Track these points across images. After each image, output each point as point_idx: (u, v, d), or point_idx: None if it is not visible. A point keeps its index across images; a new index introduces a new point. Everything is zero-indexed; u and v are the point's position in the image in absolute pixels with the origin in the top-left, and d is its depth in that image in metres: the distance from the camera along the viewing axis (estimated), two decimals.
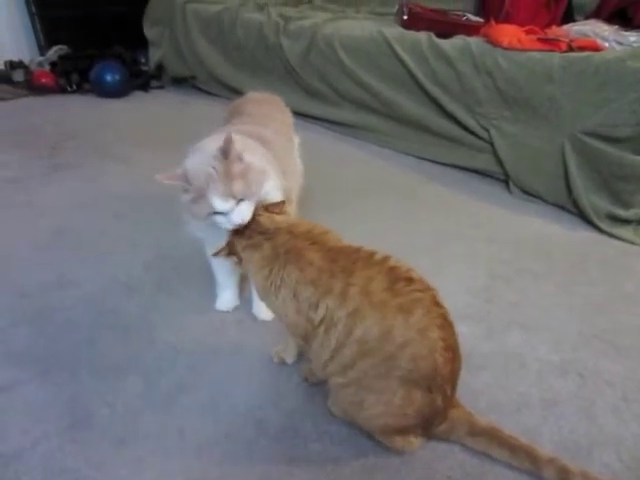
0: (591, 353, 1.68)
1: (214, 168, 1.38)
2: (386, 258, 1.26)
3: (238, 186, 1.38)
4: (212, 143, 1.47)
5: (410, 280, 1.22)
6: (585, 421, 1.44)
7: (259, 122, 1.85)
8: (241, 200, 1.39)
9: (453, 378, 1.26)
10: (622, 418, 1.45)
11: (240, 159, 1.42)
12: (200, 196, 1.39)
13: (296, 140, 2.19)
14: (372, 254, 1.27)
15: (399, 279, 1.21)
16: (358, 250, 1.28)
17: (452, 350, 1.22)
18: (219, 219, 1.40)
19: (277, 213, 1.42)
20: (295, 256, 1.29)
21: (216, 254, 1.44)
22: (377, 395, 1.23)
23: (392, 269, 1.23)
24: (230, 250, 1.41)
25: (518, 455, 1.27)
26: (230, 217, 1.38)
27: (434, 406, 1.24)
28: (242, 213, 1.39)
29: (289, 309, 1.30)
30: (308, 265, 1.26)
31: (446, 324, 1.22)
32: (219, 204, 1.37)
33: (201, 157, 1.44)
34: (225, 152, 1.38)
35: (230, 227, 1.40)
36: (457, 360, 1.26)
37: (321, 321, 1.25)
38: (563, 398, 1.51)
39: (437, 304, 1.22)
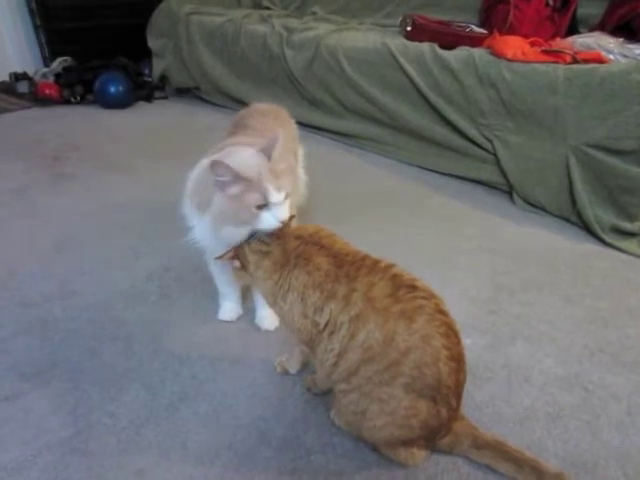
0: (596, 367, 1.67)
1: (262, 163, 1.39)
2: (390, 266, 1.26)
3: (285, 180, 1.40)
4: (244, 151, 1.47)
5: (413, 287, 1.22)
6: (590, 435, 1.43)
7: (263, 136, 1.85)
8: (285, 197, 1.40)
9: (458, 390, 1.25)
10: (627, 432, 1.44)
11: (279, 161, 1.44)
12: (250, 187, 1.35)
13: (300, 151, 2.19)
14: (377, 261, 1.27)
15: (402, 286, 1.21)
16: (364, 257, 1.29)
17: (457, 361, 1.21)
18: (264, 216, 1.37)
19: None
20: (304, 260, 1.30)
21: (220, 257, 1.43)
22: (381, 404, 1.22)
23: (395, 276, 1.23)
24: (235, 254, 1.41)
25: (523, 469, 1.26)
26: (277, 212, 1.36)
27: (439, 418, 1.23)
28: (286, 210, 1.39)
29: (296, 313, 1.31)
30: (316, 269, 1.27)
31: (451, 333, 1.21)
32: (274, 195, 1.36)
33: (242, 155, 1.42)
34: (269, 151, 1.40)
35: (274, 225, 1.37)
36: (462, 371, 1.25)
37: (325, 325, 1.26)
38: (568, 412, 1.50)
39: (441, 312, 1.21)
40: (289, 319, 1.34)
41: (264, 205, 1.36)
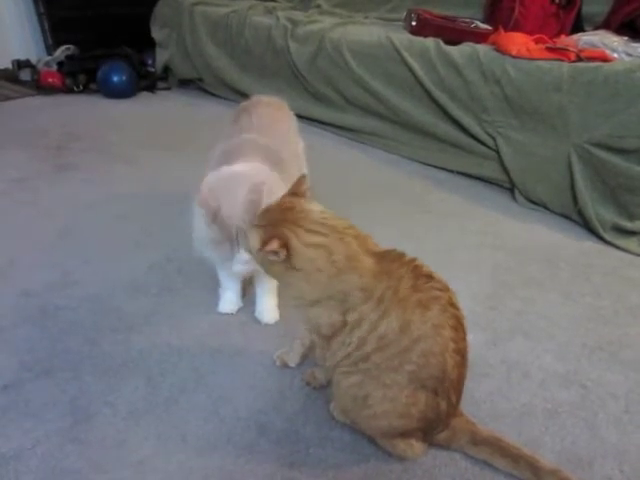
0: (595, 364, 1.67)
1: (244, 222, 1.43)
2: (413, 259, 1.25)
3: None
4: (245, 180, 1.51)
5: (430, 277, 1.22)
6: (587, 432, 1.43)
7: (265, 134, 1.86)
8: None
9: (459, 385, 1.26)
10: (624, 430, 1.44)
11: None
12: (227, 243, 1.48)
13: (301, 145, 2.19)
14: (402, 254, 1.26)
15: (421, 276, 1.22)
16: (391, 252, 1.28)
17: (461, 355, 1.23)
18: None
19: (302, 195, 1.36)
20: (354, 262, 1.22)
21: (262, 247, 1.22)
22: (384, 390, 1.22)
23: (416, 267, 1.23)
24: (283, 244, 1.21)
25: (520, 465, 1.26)
26: (242, 268, 1.53)
27: (438, 411, 1.23)
28: (249, 265, 1.49)
29: (335, 312, 1.24)
30: (367, 271, 1.22)
31: (459, 327, 1.22)
32: (242, 257, 1.48)
33: (234, 199, 1.47)
34: (253, 213, 1.39)
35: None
36: (464, 367, 1.26)
37: (353, 322, 1.22)
38: (566, 409, 1.50)
39: (454, 305, 1.22)
40: (319, 316, 1.27)
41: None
